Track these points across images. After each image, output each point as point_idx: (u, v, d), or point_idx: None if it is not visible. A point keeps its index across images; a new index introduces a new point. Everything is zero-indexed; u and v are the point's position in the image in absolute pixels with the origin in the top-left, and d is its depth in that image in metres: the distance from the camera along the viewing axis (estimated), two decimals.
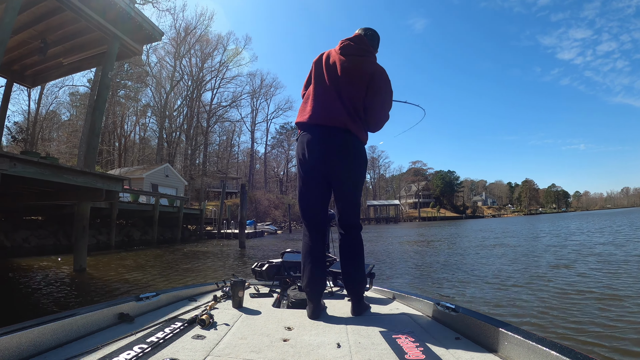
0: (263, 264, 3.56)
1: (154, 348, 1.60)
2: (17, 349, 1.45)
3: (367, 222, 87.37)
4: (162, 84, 52.75)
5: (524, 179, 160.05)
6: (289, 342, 1.82)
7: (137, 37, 10.27)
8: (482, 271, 8.54)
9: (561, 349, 1.33)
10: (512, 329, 1.62)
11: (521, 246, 14.63)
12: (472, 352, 1.66)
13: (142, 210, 22.31)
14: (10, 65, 11.52)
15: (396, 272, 9.25)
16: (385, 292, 3.03)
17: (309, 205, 2.63)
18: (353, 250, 2.57)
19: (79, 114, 47.83)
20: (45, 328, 1.58)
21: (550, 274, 7.94)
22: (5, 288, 7.71)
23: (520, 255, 11.34)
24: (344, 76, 2.53)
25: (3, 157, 6.23)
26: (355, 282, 2.49)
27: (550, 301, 5.59)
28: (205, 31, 54.86)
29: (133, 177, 29.77)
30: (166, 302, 2.51)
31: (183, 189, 38.06)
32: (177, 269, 10.68)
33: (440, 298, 4.03)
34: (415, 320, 2.25)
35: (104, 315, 1.97)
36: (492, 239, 19.94)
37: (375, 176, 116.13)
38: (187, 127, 55.21)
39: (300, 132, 2.62)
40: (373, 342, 1.81)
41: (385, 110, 2.65)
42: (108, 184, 9.04)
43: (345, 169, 2.50)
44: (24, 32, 9.61)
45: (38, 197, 10.48)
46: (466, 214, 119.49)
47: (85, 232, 9.23)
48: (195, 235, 28.50)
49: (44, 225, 17.76)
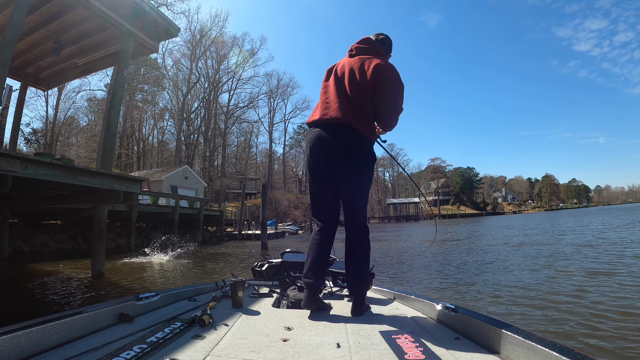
0: (263, 264, 3.56)
1: (154, 348, 1.61)
2: (17, 349, 1.45)
3: (387, 220, 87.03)
4: (179, 86, 52.99)
5: (544, 174, 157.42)
6: (288, 342, 1.82)
7: (152, 33, 9.97)
8: (512, 279, 7.32)
9: (561, 349, 1.33)
10: (512, 329, 1.62)
11: (549, 244, 13.69)
12: (472, 352, 1.67)
13: (161, 213, 22.11)
14: (24, 68, 11.36)
15: (415, 275, 8.60)
16: (385, 292, 3.01)
17: (317, 202, 2.69)
18: (358, 251, 2.58)
19: (97, 119, 48.38)
20: (45, 328, 1.59)
21: (593, 285, 6.34)
22: (22, 295, 7.42)
23: (551, 257, 10.17)
24: (350, 75, 2.57)
25: (14, 159, 5.92)
26: (358, 283, 2.49)
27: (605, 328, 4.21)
28: (220, 33, 55.01)
29: (152, 180, 29.62)
30: (166, 302, 2.51)
31: (203, 190, 37.96)
32: (201, 271, 10.36)
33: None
34: (415, 320, 2.25)
35: (104, 315, 1.97)
36: (519, 236, 19.10)
37: (394, 174, 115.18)
38: (205, 129, 55.42)
39: (310, 130, 2.69)
40: (373, 342, 1.82)
41: (395, 106, 2.62)
42: (126, 186, 8.74)
43: (346, 165, 2.50)
44: (36, 32, 9.38)
45: (55, 201, 10.27)
46: (486, 210, 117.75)
47: (102, 236, 8.92)
48: (215, 236, 28.24)
49: (63, 230, 17.64)
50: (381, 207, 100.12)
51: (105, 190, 8.38)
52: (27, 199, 10.85)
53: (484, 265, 9.35)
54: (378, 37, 2.80)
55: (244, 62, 58.28)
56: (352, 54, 2.69)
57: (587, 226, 23.17)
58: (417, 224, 66.62)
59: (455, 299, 5.98)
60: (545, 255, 10.62)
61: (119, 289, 7.62)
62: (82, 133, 50.04)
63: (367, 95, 2.53)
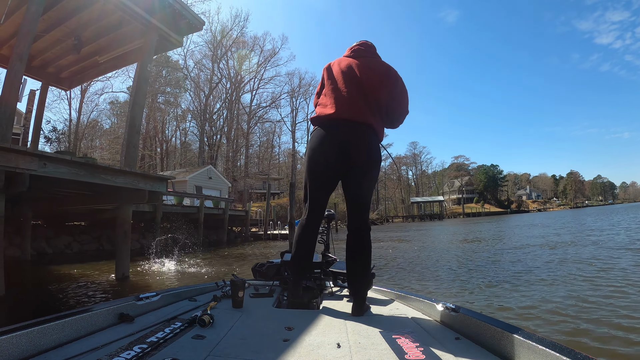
0: (263, 264, 3.54)
1: (154, 348, 1.60)
2: (17, 349, 1.44)
3: (410, 219, 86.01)
4: (201, 87, 53.14)
5: (569, 171, 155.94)
6: (289, 342, 1.81)
7: (176, 27, 9.58)
8: (554, 294, 6.06)
9: (561, 349, 1.32)
10: (512, 329, 1.60)
11: (587, 246, 12.80)
12: (473, 352, 1.66)
13: (186, 213, 21.93)
14: (44, 67, 11.20)
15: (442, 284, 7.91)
16: (385, 292, 2.94)
17: (313, 197, 2.65)
18: (360, 251, 2.55)
19: (120, 122, 48.79)
20: (45, 328, 1.58)
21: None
22: (44, 298, 7.10)
23: (594, 263, 8.97)
24: (363, 75, 2.58)
25: (31, 156, 5.57)
26: (360, 283, 2.48)
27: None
28: (241, 33, 54.94)
29: (176, 180, 29.56)
30: (166, 302, 2.49)
31: (227, 190, 37.87)
32: (228, 270, 9.99)
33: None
34: (415, 320, 2.23)
35: (104, 315, 1.95)
36: (551, 236, 18.24)
37: (417, 172, 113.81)
38: (228, 130, 55.47)
39: (316, 127, 2.64)
40: (373, 342, 1.80)
41: (403, 106, 2.73)
42: (151, 185, 8.37)
43: (364, 163, 2.51)
44: (56, 30, 9.16)
45: (78, 202, 10.02)
46: (511, 208, 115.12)
47: (127, 238, 8.54)
48: (240, 237, 27.98)
49: (86, 231, 17.49)
50: (404, 205, 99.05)
51: (130, 189, 8.03)
52: (49, 199, 10.63)
53: (532, 274, 8.65)
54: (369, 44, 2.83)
55: (242, 60, 57.74)
56: (354, 54, 2.72)
57: (619, 225, 22.11)
58: (441, 222, 65.38)
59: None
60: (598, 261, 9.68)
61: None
62: (105, 136, 50.54)
63: (380, 95, 2.57)
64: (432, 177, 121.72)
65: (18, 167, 5.41)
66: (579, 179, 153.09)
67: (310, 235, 2.65)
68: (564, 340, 3.97)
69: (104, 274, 9.61)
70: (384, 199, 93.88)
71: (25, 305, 6.47)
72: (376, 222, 68.20)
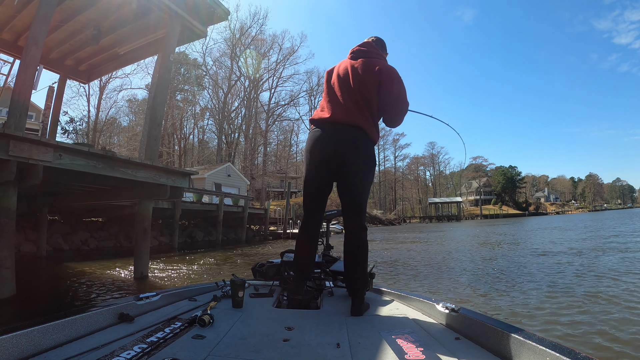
0: (263, 264, 3.53)
1: (154, 348, 1.59)
2: (17, 349, 1.42)
3: (427, 220, 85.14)
4: (220, 85, 53.03)
5: (588, 174, 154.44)
6: (289, 342, 1.78)
7: (199, 16, 9.13)
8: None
9: (561, 349, 1.31)
10: (512, 329, 1.59)
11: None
12: (472, 352, 1.65)
13: (205, 211, 21.72)
14: (63, 59, 10.88)
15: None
16: (385, 292, 2.89)
17: (309, 197, 2.71)
18: (356, 251, 2.55)
19: (138, 119, 48.95)
20: (45, 328, 1.55)
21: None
22: (56, 299, 6.71)
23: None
24: (355, 76, 2.61)
25: (46, 146, 5.14)
26: (357, 282, 2.46)
27: None
28: (260, 30, 54.63)
29: (195, 177, 29.52)
30: (166, 302, 2.44)
31: (245, 188, 37.64)
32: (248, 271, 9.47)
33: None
34: (415, 320, 2.18)
35: (104, 315, 1.91)
36: (576, 241, 17.39)
37: (435, 173, 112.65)
38: (246, 128, 55.29)
39: (313, 127, 2.72)
40: (373, 342, 1.79)
41: (400, 104, 2.68)
42: (173, 179, 7.95)
43: (352, 163, 2.54)
44: (74, 19, 8.78)
45: (96, 197, 9.67)
46: (529, 211, 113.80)
47: (147, 235, 8.12)
48: (259, 235, 27.66)
49: (104, 227, 17.28)
50: (421, 206, 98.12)
51: (151, 184, 7.62)
52: (66, 194, 10.29)
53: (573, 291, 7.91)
54: (375, 40, 2.86)
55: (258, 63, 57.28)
56: (353, 56, 2.74)
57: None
58: (459, 224, 64.52)
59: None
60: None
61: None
62: (123, 133, 50.74)
63: (373, 95, 2.58)
64: (449, 177, 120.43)
65: (31, 158, 4.99)
66: (597, 181, 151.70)
67: (305, 237, 2.71)
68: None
69: (122, 272, 9.23)
70: (401, 199, 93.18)
71: (36, 306, 6.08)
72: (394, 222, 67.51)
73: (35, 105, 34.05)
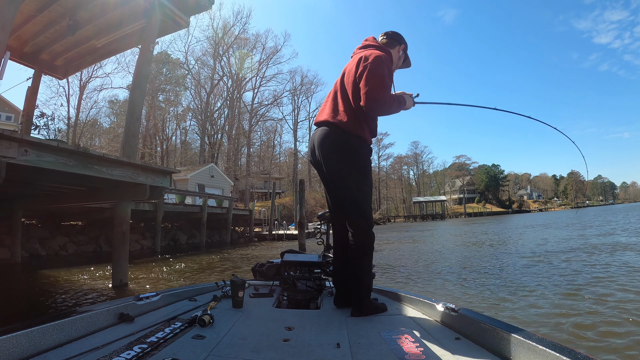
0: (263, 264, 3.53)
1: (154, 348, 1.60)
2: (17, 349, 1.43)
3: (411, 219, 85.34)
4: (202, 85, 52.33)
5: (569, 171, 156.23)
6: (289, 342, 1.80)
7: (183, 4, 8.64)
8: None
9: (561, 349, 1.31)
10: (512, 329, 1.60)
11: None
12: (473, 352, 1.65)
13: (189, 212, 21.14)
14: (37, 53, 10.19)
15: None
16: (385, 292, 2.84)
17: (326, 198, 2.75)
18: (359, 251, 2.47)
19: (120, 121, 47.86)
20: (45, 328, 1.57)
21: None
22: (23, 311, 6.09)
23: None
24: (345, 74, 2.59)
25: (9, 141, 4.55)
26: (358, 283, 2.42)
27: None
28: (243, 29, 54.04)
29: (178, 179, 28.96)
30: (166, 302, 2.44)
31: (229, 189, 37.09)
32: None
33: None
34: (416, 320, 2.20)
35: (104, 315, 1.93)
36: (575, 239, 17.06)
37: (418, 172, 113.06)
38: (229, 128, 54.66)
39: None
40: (373, 342, 1.80)
41: (369, 87, 2.37)
42: (152, 178, 7.40)
43: (327, 162, 2.51)
44: (49, 9, 8.17)
45: (73, 199, 9.10)
46: (512, 208, 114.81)
47: (125, 240, 7.52)
48: (244, 237, 27.09)
49: (84, 231, 16.56)
50: (405, 205, 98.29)
51: (128, 184, 7.06)
52: (41, 196, 9.68)
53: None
54: (383, 35, 2.78)
55: (242, 62, 56.73)
56: (353, 55, 2.70)
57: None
58: (444, 222, 64.68)
59: None
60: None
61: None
62: (104, 135, 49.60)
63: (352, 87, 2.48)
64: (433, 176, 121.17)
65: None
66: (579, 178, 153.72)
67: (338, 229, 2.64)
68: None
69: (100, 280, 8.64)
70: (385, 198, 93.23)
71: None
72: (378, 222, 67.39)
73: (14, 106, 32.98)
